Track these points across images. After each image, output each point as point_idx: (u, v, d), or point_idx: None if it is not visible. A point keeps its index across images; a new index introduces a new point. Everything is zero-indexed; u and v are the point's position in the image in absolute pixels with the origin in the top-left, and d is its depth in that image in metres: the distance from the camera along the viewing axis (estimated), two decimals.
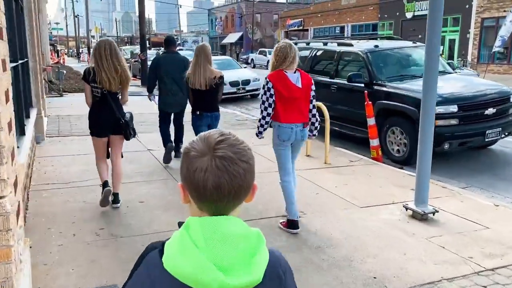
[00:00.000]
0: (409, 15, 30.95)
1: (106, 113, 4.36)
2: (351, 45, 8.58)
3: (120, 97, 4.54)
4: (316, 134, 4.42)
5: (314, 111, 4.22)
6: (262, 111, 4.05)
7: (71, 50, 70.80)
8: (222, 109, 8.25)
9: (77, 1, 67.20)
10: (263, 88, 4.02)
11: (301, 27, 46.98)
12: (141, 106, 10.05)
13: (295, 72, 4.05)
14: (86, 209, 4.45)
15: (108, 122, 4.39)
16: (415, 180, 4.66)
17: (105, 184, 4.44)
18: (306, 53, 9.52)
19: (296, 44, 10.90)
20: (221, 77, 5.24)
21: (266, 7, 62.12)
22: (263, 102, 4.02)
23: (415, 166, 4.70)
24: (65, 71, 17.18)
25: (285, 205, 4.23)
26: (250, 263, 0.92)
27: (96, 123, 4.44)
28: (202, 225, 0.93)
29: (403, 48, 8.70)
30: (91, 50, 5.23)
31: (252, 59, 42.31)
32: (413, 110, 6.85)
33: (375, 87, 7.63)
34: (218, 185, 0.93)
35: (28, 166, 5.50)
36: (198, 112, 5.27)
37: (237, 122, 10.47)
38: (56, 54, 47.85)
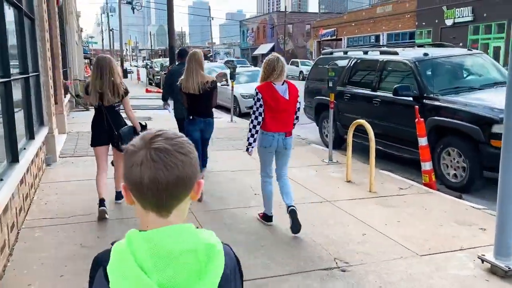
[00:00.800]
0: (449, 22, 29.36)
1: (101, 124, 4.68)
2: (396, 53, 7.56)
3: (120, 109, 4.80)
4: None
5: (296, 121, 4.48)
6: (252, 120, 4.28)
7: None
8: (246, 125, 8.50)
9: (112, 15, 68.66)
10: (254, 99, 4.28)
11: (334, 37, 45.89)
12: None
13: (283, 84, 4.27)
14: (81, 256, 3.64)
15: (103, 133, 4.71)
16: (495, 221, 3.61)
17: (101, 202, 4.59)
18: (343, 63, 8.58)
19: (331, 53, 10.08)
20: (213, 82, 5.32)
21: (298, 17, 61.50)
22: (254, 112, 4.27)
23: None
24: None
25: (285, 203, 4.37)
26: (201, 283, 0.90)
27: (93, 133, 4.83)
28: (147, 242, 0.89)
29: (457, 56, 7.60)
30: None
31: None
32: (474, 128, 5.79)
33: (426, 101, 6.59)
34: (154, 178, 0.90)
35: (27, 197, 4.80)
36: (191, 117, 5.38)
37: None
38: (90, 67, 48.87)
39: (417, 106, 6.23)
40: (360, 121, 6.22)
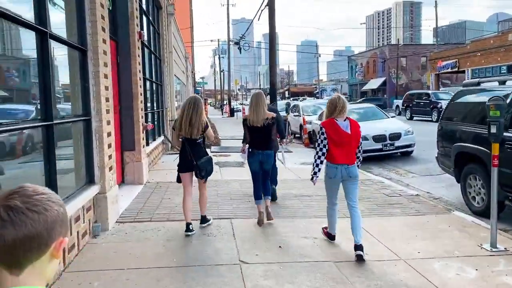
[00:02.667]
0: None
1: (184, 155, 5.45)
2: None
3: (201, 141, 5.45)
4: (359, 164, 4.95)
5: (359, 154, 4.86)
6: (317, 152, 4.74)
7: (218, 103, 75.82)
8: (364, 174, 7.64)
9: (223, 57, 71.44)
10: (318, 133, 4.79)
11: (455, 69, 41.23)
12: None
13: (345, 120, 4.72)
14: None
15: (186, 162, 5.45)
16: None
17: (187, 227, 5.35)
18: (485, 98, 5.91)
19: (478, 84, 7.30)
20: (273, 118, 5.72)
21: (412, 49, 57.35)
22: (318, 145, 4.74)
23: None
24: None
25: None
26: None
27: (180, 162, 5.55)
28: None
29: None
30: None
31: (397, 106, 37.90)
32: None
33: None
34: (1, 235, 0.91)
35: None
36: (250, 150, 5.81)
37: (387, 200, 7.15)
38: None
39: None
40: None
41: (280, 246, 4.96)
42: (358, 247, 4.50)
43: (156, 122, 12.60)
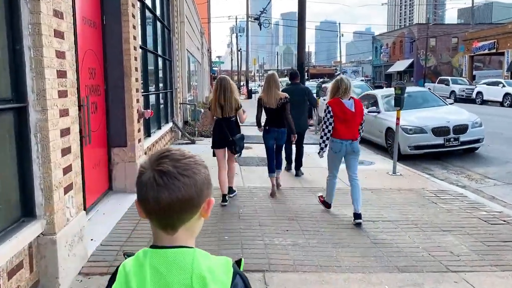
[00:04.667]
0: None
1: (219, 132, 5.73)
2: None
3: (234, 119, 5.75)
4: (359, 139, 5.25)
5: (361, 131, 5.23)
6: (323, 129, 5.15)
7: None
8: (433, 182, 6.88)
9: (240, 36, 68.57)
10: (325, 111, 5.15)
11: (493, 50, 37.93)
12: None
13: (349, 99, 5.11)
14: None
15: (221, 139, 5.74)
16: None
17: (223, 198, 5.71)
18: None
19: None
20: (286, 97, 6.04)
21: (442, 29, 53.70)
22: (325, 122, 5.13)
23: None
24: (202, 110, 13.60)
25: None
26: None
27: (213, 138, 5.92)
28: (150, 270, 0.95)
29: None
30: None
31: (429, 89, 34.96)
32: None
33: None
34: (157, 199, 0.95)
35: None
36: (267, 127, 6.22)
37: (492, 232, 4.79)
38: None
39: None
40: None
41: None
42: (357, 215, 4.98)
43: (162, 106, 10.37)
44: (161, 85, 10.09)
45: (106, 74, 5.80)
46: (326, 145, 5.18)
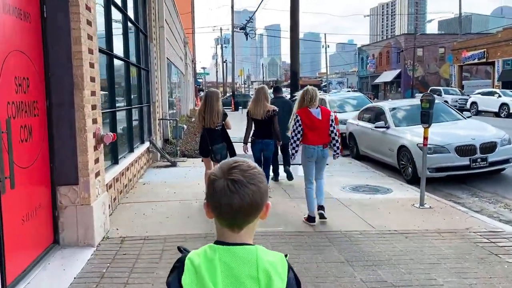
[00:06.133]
0: None
1: (204, 141, 6.13)
2: None
3: (219, 129, 6.10)
4: (338, 152, 5.74)
5: (333, 134, 5.51)
6: (293, 137, 5.47)
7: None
8: (452, 207, 6.25)
9: (225, 47, 67.31)
10: (294, 120, 5.51)
11: (483, 59, 37.26)
12: None
13: (317, 108, 5.47)
14: None
15: (205, 147, 6.12)
16: None
17: None
18: None
19: None
20: (274, 110, 6.44)
21: (429, 39, 53.24)
22: (293, 130, 5.46)
23: None
24: (185, 126, 11.99)
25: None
26: None
27: (200, 146, 6.34)
28: (220, 263, 1.09)
29: None
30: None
31: (445, 102, 33.73)
32: None
33: None
34: (230, 204, 1.11)
35: None
36: (253, 138, 6.60)
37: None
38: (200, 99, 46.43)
39: None
40: None
41: None
42: (320, 207, 5.46)
43: (137, 123, 8.78)
44: (135, 99, 8.51)
45: (48, 86, 4.21)
46: (296, 151, 5.51)
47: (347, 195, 7.01)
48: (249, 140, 6.72)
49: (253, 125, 6.61)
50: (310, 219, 5.41)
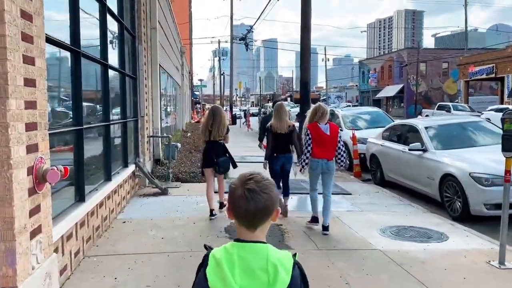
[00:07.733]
0: None
1: (207, 153, 6.46)
2: None
3: (222, 143, 6.49)
4: (344, 165, 6.28)
5: (339, 150, 5.84)
6: (304, 150, 5.87)
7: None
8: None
9: (223, 59, 65.94)
10: (304, 134, 5.96)
11: (492, 75, 35.87)
12: None
13: (326, 124, 5.82)
14: None
15: (208, 159, 6.43)
16: None
17: (211, 213, 6.25)
18: None
19: None
20: (293, 125, 6.60)
21: (432, 54, 52.01)
22: (304, 144, 5.87)
23: None
24: (179, 145, 10.22)
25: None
26: None
27: (203, 158, 6.59)
28: (237, 257, 1.34)
29: None
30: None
31: (427, 116, 32.32)
32: None
33: None
34: (246, 208, 1.37)
35: None
36: (274, 154, 6.54)
37: None
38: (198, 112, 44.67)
39: None
40: None
41: None
42: (325, 228, 5.65)
43: (119, 143, 7.04)
44: (116, 112, 6.79)
45: None
46: (306, 164, 5.88)
47: (393, 244, 5.27)
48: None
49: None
50: (313, 219, 5.99)
